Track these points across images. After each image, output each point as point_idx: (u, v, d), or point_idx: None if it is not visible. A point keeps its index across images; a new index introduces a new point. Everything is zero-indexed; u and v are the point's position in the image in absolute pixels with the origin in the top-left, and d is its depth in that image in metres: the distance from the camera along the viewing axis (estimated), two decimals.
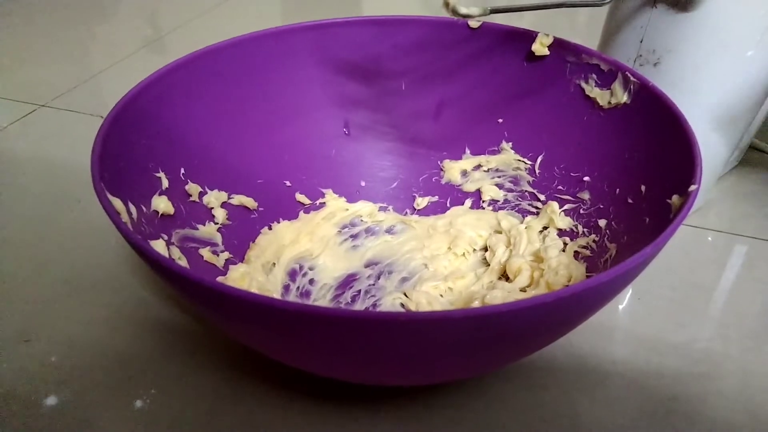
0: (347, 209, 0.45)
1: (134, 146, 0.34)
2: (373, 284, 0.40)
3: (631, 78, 0.36)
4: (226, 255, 0.39)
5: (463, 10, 0.29)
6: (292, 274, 0.40)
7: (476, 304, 0.36)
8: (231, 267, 0.38)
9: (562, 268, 0.37)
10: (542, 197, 0.43)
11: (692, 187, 0.28)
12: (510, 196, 0.45)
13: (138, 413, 0.33)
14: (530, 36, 0.40)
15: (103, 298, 0.40)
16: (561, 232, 0.41)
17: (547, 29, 0.41)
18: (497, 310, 0.22)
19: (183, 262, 0.34)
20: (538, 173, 0.43)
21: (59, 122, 0.61)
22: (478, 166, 0.45)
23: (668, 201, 0.30)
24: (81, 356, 0.37)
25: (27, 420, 0.33)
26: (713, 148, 0.42)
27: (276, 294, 0.38)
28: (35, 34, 0.80)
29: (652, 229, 0.32)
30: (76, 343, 0.37)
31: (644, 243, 0.25)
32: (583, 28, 0.81)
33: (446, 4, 0.29)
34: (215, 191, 0.40)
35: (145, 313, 0.39)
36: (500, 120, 0.44)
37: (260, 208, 0.42)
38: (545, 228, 0.42)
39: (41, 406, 0.34)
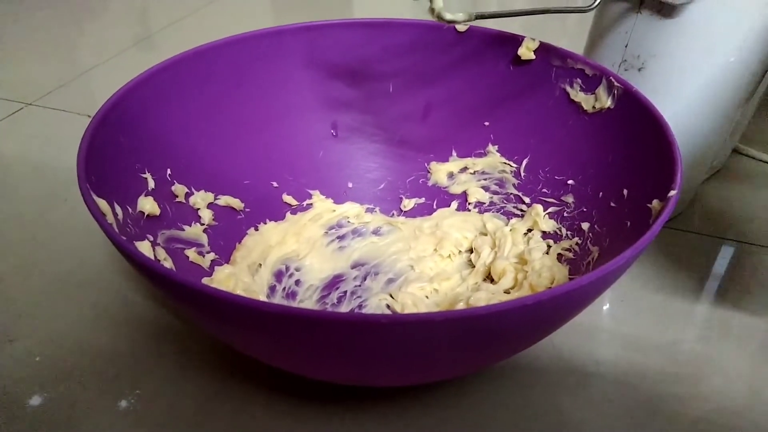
0: (334, 210, 0.45)
1: (121, 147, 0.34)
2: (360, 285, 0.41)
3: (615, 83, 0.37)
4: (212, 256, 0.39)
5: (449, 16, 0.30)
6: (278, 275, 0.41)
7: (461, 305, 0.37)
8: (217, 268, 0.38)
9: (545, 270, 0.37)
10: (527, 200, 0.43)
11: (672, 193, 0.29)
12: (495, 198, 0.45)
13: (123, 413, 0.34)
14: (517, 40, 0.41)
15: (88, 297, 0.40)
16: (545, 235, 0.41)
17: (537, 30, 0.41)
18: (478, 313, 0.23)
19: (168, 263, 0.34)
20: (524, 176, 0.43)
21: (46, 121, 0.60)
22: (465, 169, 0.46)
23: (649, 206, 0.31)
24: (66, 356, 0.37)
25: (11, 420, 0.33)
26: (696, 152, 0.43)
27: (262, 295, 0.38)
28: (22, 31, 0.80)
29: (633, 232, 0.32)
30: (61, 343, 0.37)
31: (625, 246, 0.26)
32: (574, 29, 0.82)
33: (432, 10, 0.29)
34: (201, 192, 0.40)
35: (130, 313, 0.39)
36: (486, 123, 0.44)
37: (247, 209, 0.42)
38: (530, 230, 0.42)
39: (25, 406, 0.34)
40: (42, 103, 0.63)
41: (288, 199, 0.45)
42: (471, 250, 0.43)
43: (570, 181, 0.40)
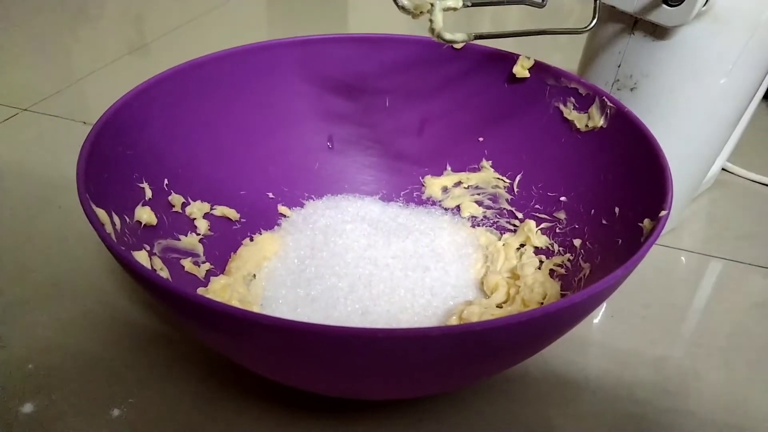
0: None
1: (119, 157, 0.34)
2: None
3: (608, 103, 0.37)
4: (207, 266, 0.39)
5: (448, 36, 0.30)
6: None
7: (454, 319, 0.37)
8: (212, 278, 0.38)
9: (537, 285, 0.38)
10: (520, 215, 0.44)
11: (662, 213, 0.29)
12: (489, 213, 0.46)
13: (115, 422, 0.34)
14: (512, 58, 0.41)
15: (82, 304, 0.41)
16: (537, 250, 0.42)
17: (530, 46, 0.42)
18: (474, 329, 0.23)
19: (164, 273, 0.34)
20: (517, 192, 0.44)
21: (41, 127, 0.60)
22: (459, 183, 0.46)
23: (640, 224, 0.31)
24: (58, 363, 0.37)
25: (3, 427, 0.33)
26: (687, 171, 0.43)
27: (256, 306, 0.38)
28: (18, 37, 0.80)
29: (624, 250, 0.33)
30: (54, 350, 0.37)
31: (616, 264, 0.26)
32: (566, 46, 0.83)
33: (432, 30, 0.30)
34: (198, 202, 0.40)
35: (124, 321, 0.39)
36: (481, 139, 0.45)
37: (242, 220, 0.43)
38: (522, 245, 0.43)
39: (17, 414, 0.34)
40: (37, 109, 0.63)
41: (283, 209, 0.45)
42: None
43: (562, 198, 0.41)
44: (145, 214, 0.35)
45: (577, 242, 0.39)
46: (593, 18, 0.37)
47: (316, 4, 0.95)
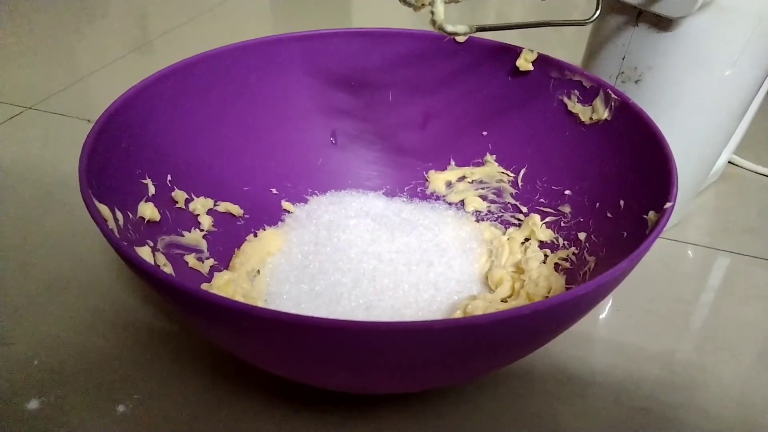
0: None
1: (122, 153, 0.34)
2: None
3: (613, 95, 0.37)
4: (211, 262, 0.39)
5: (450, 28, 0.30)
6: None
7: (458, 313, 0.37)
8: (216, 274, 0.38)
9: (542, 279, 0.38)
10: (524, 209, 0.44)
11: (667, 205, 0.29)
12: (493, 207, 0.45)
13: (120, 418, 0.34)
14: (515, 51, 0.41)
15: (86, 301, 0.41)
16: (542, 244, 0.42)
17: (534, 40, 0.41)
18: (477, 322, 0.23)
19: (168, 269, 0.34)
20: (521, 186, 0.44)
21: (46, 125, 0.61)
22: (463, 178, 0.46)
23: (645, 217, 0.31)
24: (64, 360, 0.37)
25: (8, 424, 0.33)
26: (692, 164, 0.43)
27: (260, 301, 0.38)
28: (23, 36, 0.80)
29: (629, 243, 0.32)
30: (59, 347, 0.37)
31: (621, 257, 0.26)
32: (571, 39, 0.82)
33: (433, 22, 0.30)
34: (201, 198, 0.40)
35: (128, 318, 0.40)
36: (485, 133, 0.45)
37: (246, 215, 0.43)
38: (527, 240, 0.42)
39: (23, 410, 0.34)
40: (42, 107, 0.63)
41: (287, 205, 0.45)
42: None
43: (567, 192, 0.41)
44: (148, 210, 0.35)
45: (582, 236, 0.39)
46: (596, 9, 0.37)
47: None
